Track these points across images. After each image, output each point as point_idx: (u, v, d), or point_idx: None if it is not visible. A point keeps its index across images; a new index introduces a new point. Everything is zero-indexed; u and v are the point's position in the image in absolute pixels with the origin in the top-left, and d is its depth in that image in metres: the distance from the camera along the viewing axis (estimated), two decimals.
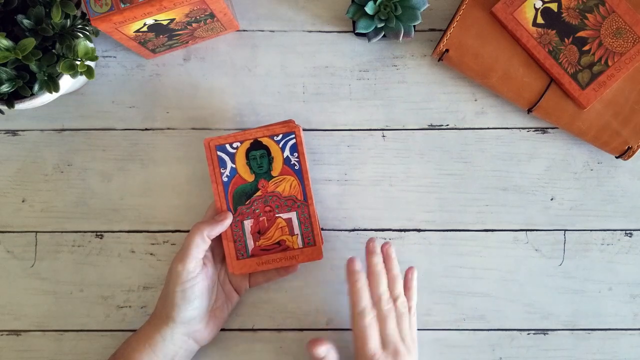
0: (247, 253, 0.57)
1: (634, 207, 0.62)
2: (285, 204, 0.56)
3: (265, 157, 0.56)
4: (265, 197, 0.56)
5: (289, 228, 0.57)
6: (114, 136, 0.62)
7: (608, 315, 0.61)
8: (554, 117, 0.59)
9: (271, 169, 0.56)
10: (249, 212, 0.56)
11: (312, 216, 0.57)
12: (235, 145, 0.56)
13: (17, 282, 0.61)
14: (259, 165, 0.56)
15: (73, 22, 0.52)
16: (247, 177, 0.56)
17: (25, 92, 0.52)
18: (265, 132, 0.56)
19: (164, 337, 0.53)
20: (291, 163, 0.56)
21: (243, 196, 0.56)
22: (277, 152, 0.56)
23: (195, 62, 0.62)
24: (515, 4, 0.58)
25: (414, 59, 0.62)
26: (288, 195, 0.56)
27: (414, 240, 0.61)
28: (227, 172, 0.56)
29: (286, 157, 0.56)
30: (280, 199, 0.56)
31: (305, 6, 0.62)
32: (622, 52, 0.57)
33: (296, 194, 0.56)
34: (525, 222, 0.61)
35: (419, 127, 0.62)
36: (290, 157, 0.56)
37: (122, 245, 0.61)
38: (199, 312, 0.54)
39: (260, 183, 0.56)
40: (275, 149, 0.56)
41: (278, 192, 0.56)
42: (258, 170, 0.56)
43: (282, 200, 0.56)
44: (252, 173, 0.56)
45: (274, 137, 0.56)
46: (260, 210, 0.56)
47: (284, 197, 0.56)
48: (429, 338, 0.61)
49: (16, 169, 0.62)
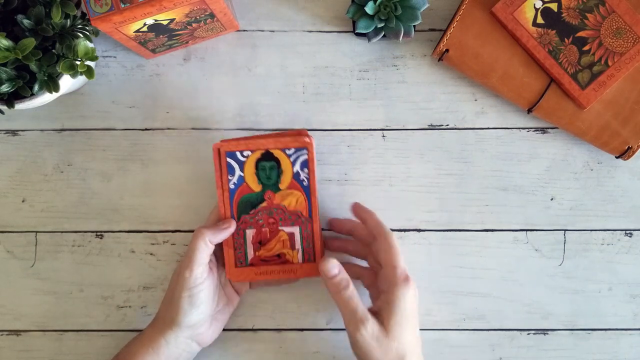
0: (246, 262, 0.56)
1: (634, 207, 0.62)
2: (289, 218, 0.56)
3: (275, 170, 0.55)
4: (270, 209, 0.56)
5: (291, 242, 0.56)
6: (114, 136, 0.62)
7: (608, 315, 0.61)
8: (554, 117, 0.59)
9: (279, 181, 0.55)
10: (253, 221, 0.56)
11: (315, 233, 0.56)
12: (246, 153, 0.55)
13: (17, 282, 0.61)
14: (267, 176, 0.55)
15: (73, 22, 0.52)
16: (254, 187, 0.55)
17: (25, 92, 0.52)
18: (277, 144, 0.54)
19: (167, 341, 0.53)
20: (300, 178, 0.55)
21: (248, 205, 0.56)
22: (287, 165, 0.55)
23: (195, 62, 0.62)
24: (515, 4, 0.58)
25: (414, 59, 0.62)
26: (293, 210, 0.56)
27: (414, 240, 0.61)
28: (234, 179, 0.55)
29: (296, 172, 0.55)
30: (285, 213, 0.56)
31: (305, 6, 0.62)
32: (622, 52, 0.57)
33: (302, 210, 0.55)
34: (525, 222, 0.61)
35: (419, 127, 0.62)
36: (300, 173, 0.55)
37: (122, 245, 0.61)
38: (204, 316, 0.54)
39: (266, 194, 0.55)
40: (285, 163, 0.55)
41: (284, 206, 0.55)
42: (266, 182, 0.55)
43: (286, 214, 0.56)
44: (260, 183, 0.55)
45: (286, 150, 0.55)
46: (264, 221, 0.56)
47: (289, 211, 0.56)
48: (429, 338, 0.61)
49: (16, 169, 0.62)
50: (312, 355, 0.61)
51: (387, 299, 0.51)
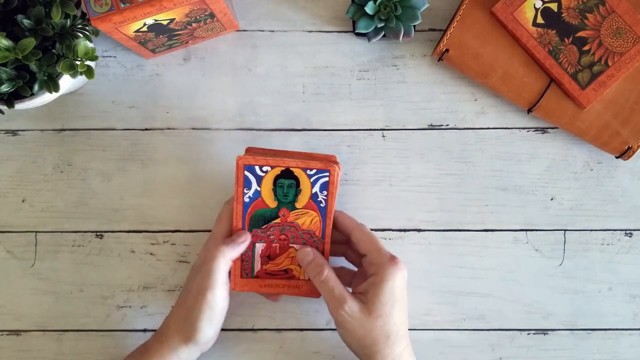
0: (251, 273, 0.55)
1: (634, 207, 0.62)
2: (301, 237, 0.55)
3: (293, 188, 0.54)
4: (283, 225, 0.55)
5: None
6: (114, 136, 0.62)
7: (608, 315, 0.61)
8: (554, 117, 0.59)
9: (296, 200, 0.54)
10: (263, 236, 0.55)
11: (326, 254, 0.55)
12: (265, 169, 0.53)
13: (17, 282, 0.61)
14: (284, 194, 0.54)
15: (73, 22, 0.52)
16: (270, 203, 0.54)
17: (25, 92, 0.52)
18: (299, 163, 0.53)
19: (179, 356, 0.53)
20: (318, 199, 0.54)
21: (261, 220, 0.55)
22: (306, 185, 0.54)
23: (195, 62, 0.62)
24: (515, 4, 0.58)
25: (414, 59, 0.62)
26: (306, 229, 0.55)
27: (414, 240, 0.61)
28: (250, 193, 0.54)
29: (314, 193, 0.54)
30: (297, 231, 0.55)
31: (305, 6, 0.62)
32: (622, 52, 0.57)
33: (315, 230, 0.55)
34: (525, 222, 0.61)
35: (419, 127, 0.62)
36: (318, 194, 0.54)
37: (122, 245, 0.61)
38: (219, 330, 0.54)
39: (281, 212, 0.54)
40: (305, 182, 0.54)
41: (297, 224, 0.55)
42: (282, 199, 0.54)
43: (299, 232, 0.55)
44: (276, 200, 0.54)
45: (307, 170, 0.53)
46: (275, 237, 0.55)
47: (302, 230, 0.55)
48: (429, 338, 0.61)
49: (16, 169, 0.62)
50: (312, 355, 0.61)
51: (373, 280, 0.51)
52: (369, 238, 0.53)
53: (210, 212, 0.61)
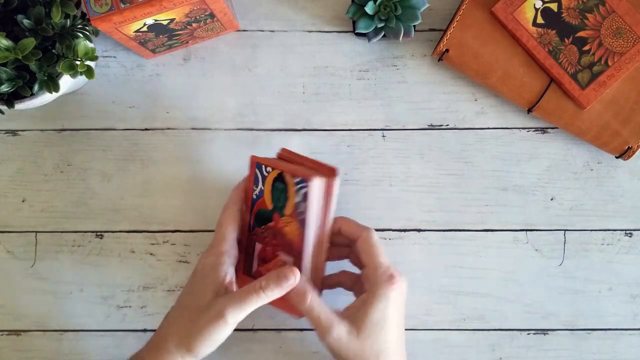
0: (250, 273, 0.55)
1: (634, 207, 0.62)
2: (286, 246, 0.53)
3: (284, 194, 0.52)
4: (275, 230, 0.53)
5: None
6: (114, 136, 0.62)
7: (608, 315, 0.61)
8: (554, 117, 0.59)
9: (285, 206, 0.52)
10: (262, 237, 0.54)
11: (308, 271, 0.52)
12: (268, 170, 0.52)
13: (17, 282, 0.61)
14: (277, 198, 0.52)
15: (73, 22, 0.52)
16: (268, 204, 0.53)
17: (25, 92, 0.52)
18: (290, 169, 0.51)
19: None
20: (299, 210, 0.51)
21: (261, 220, 0.54)
22: (292, 193, 0.51)
23: (195, 62, 0.62)
24: (515, 4, 0.58)
25: (414, 59, 0.62)
26: (288, 240, 0.52)
27: (414, 240, 0.61)
28: (257, 191, 0.54)
29: (297, 203, 0.51)
30: (284, 239, 0.52)
31: (305, 6, 0.62)
32: (622, 52, 0.57)
33: (294, 242, 0.51)
34: (525, 222, 0.61)
35: (419, 127, 0.62)
36: (300, 204, 0.51)
37: (122, 245, 0.61)
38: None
39: (274, 215, 0.53)
40: (291, 190, 0.51)
41: (284, 232, 0.52)
42: (276, 203, 0.53)
43: (285, 241, 0.53)
44: (272, 203, 0.53)
45: (295, 177, 0.51)
46: (269, 240, 0.54)
47: (286, 239, 0.52)
48: (429, 338, 0.61)
49: (16, 169, 0.62)
50: (312, 355, 0.61)
51: (366, 297, 0.50)
52: (370, 251, 0.51)
53: (210, 212, 0.61)
